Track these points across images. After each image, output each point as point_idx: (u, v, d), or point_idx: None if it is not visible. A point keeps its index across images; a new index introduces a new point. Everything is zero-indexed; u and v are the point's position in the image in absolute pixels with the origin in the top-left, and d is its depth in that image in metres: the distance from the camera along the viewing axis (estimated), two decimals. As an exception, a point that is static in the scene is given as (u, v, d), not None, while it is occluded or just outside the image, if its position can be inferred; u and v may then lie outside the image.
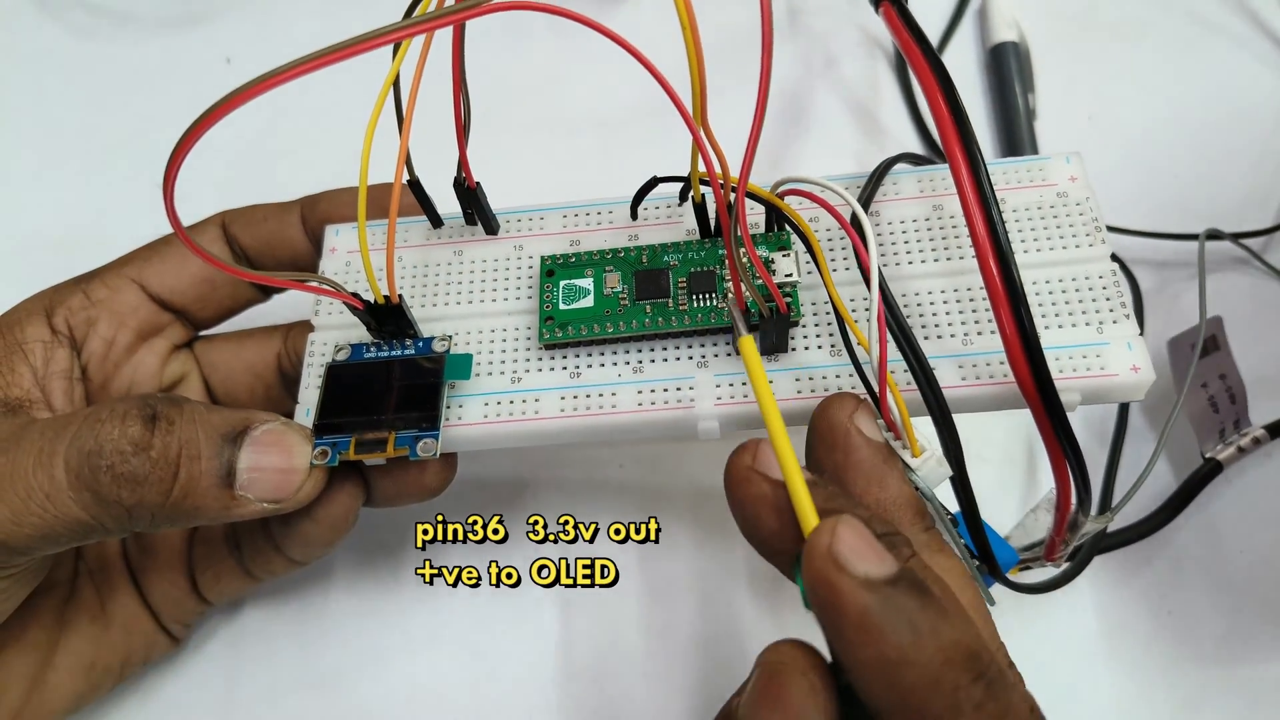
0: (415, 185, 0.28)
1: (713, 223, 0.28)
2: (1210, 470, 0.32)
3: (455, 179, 0.28)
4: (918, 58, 0.25)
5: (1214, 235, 0.36)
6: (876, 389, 0.24)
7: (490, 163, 0.31)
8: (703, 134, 0.23)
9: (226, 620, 0.34)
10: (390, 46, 0.21)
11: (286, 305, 0.33)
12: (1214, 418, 0.33)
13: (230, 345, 0.32)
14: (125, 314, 0.30)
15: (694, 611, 0.32)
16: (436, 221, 0.30)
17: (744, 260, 0.25)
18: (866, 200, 0.28)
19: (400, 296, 0.27)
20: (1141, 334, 0.26)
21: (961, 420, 0.25)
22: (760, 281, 0.25)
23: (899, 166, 0.29)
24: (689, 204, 0.29)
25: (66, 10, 0.43)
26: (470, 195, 0.28)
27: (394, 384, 0.27)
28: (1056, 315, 0.26)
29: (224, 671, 0.33)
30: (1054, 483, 0.25)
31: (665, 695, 0.31)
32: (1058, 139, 0.41)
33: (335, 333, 0.29)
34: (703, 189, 0.27)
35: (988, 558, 0.26)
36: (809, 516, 0.20)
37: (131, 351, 0.30)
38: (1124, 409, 0.35)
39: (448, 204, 0.30)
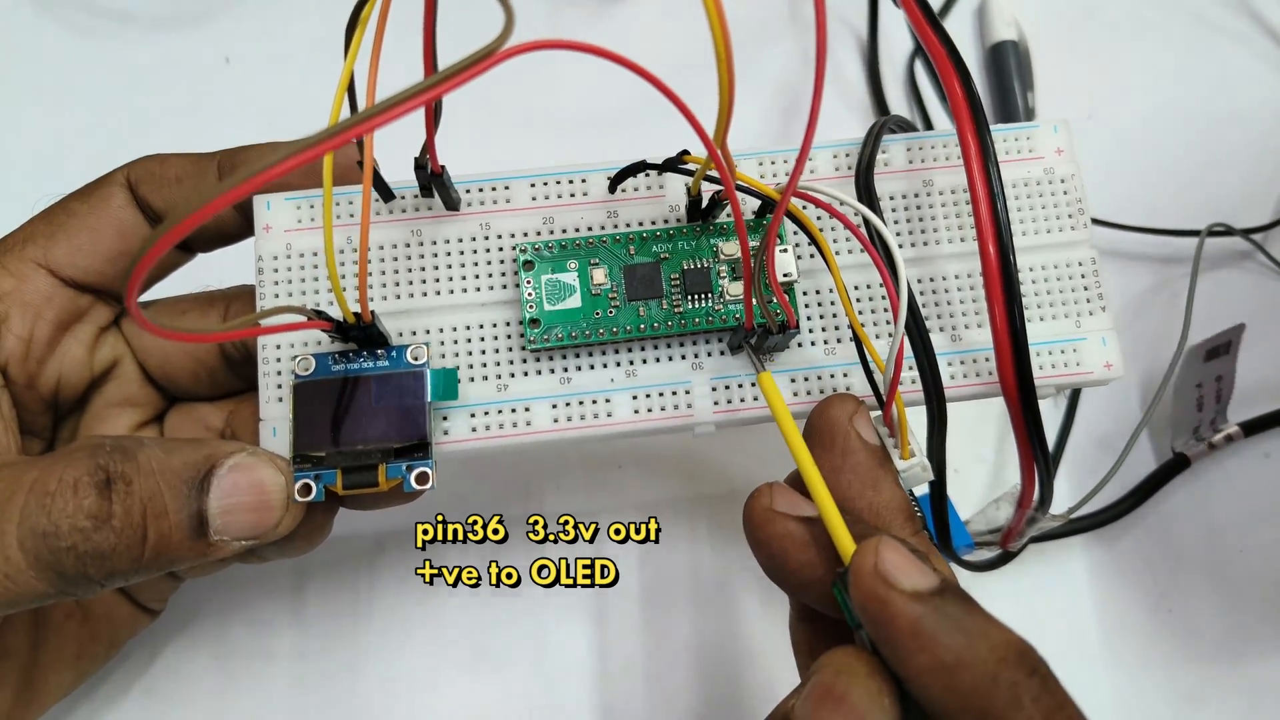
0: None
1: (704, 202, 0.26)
2: (1176, 465, 0.34)
3: (416, 160, 0.25)
4: (934, 43, 0.24)
5: (1217, 231, 0.37)
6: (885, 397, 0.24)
7: (487, 162, 0.28)
8: (720, 154, 0.21)
9: (224, 618, 0.33)
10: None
11: (214, 261, 0.30)
12: (1195, 416, 0.34)
13: (163, 323, 0.28)
14: (39, 305, 0.26)
15: (694, 611, 0.33)
16: (387, 195, 0.26)
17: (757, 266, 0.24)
18: (867, 165, 0.26)
19: (374, 315, 0.24)
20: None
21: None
22: (775, 302, 0.24)
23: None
24: (671, 175, 0.27)
25: (66, 10, 0.42)
26: (435, 180, 0.25)
27: (372, 404, 0.25)
28: (1039, 307, 0.27)
29: (220, 669, 0.32)
30: (1020, 478, 0.26)
31: (665, 694, 0.32)
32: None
33: (285, 333, 0.26)
34: (701, 184, 0.25)
35: (946, 540, 0.28)
36: (846, 541, 0.20)
37: (54, 345, 0.27)
38: (1072, 405, 0.37)
39: (395, 173, 0.26)
